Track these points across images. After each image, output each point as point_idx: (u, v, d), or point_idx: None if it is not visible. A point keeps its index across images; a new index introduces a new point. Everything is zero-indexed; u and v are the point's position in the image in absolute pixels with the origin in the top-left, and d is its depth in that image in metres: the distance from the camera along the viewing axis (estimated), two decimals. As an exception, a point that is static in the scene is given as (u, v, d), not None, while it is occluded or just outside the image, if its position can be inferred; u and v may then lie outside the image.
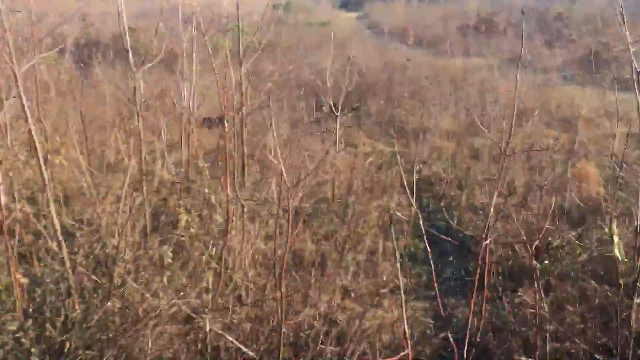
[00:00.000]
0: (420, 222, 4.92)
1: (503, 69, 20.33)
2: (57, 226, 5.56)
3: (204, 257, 5.51)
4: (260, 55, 24.33)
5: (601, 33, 25.82)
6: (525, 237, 7.67)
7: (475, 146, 12.89)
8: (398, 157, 9.44)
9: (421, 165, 11.64)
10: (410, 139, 13.98)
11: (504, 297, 6.66)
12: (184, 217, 5.59)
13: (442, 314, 6.33)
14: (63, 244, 5.58)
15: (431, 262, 5.03)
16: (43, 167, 5.64)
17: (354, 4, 61.13)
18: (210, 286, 5.60)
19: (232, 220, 6.06)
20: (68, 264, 5.57)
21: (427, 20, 35.67)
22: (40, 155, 5.62)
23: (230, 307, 5.41)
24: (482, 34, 28.27)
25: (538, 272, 6.97)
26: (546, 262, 7.24)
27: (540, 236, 7.69)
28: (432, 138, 13.54)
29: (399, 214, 8.94)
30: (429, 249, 5.02)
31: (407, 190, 5.69)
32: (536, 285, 6.15)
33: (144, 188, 7.19)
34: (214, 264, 5.55)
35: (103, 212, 6.55)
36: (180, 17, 9.76)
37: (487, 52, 27.20)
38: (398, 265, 4.42)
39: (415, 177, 11.24)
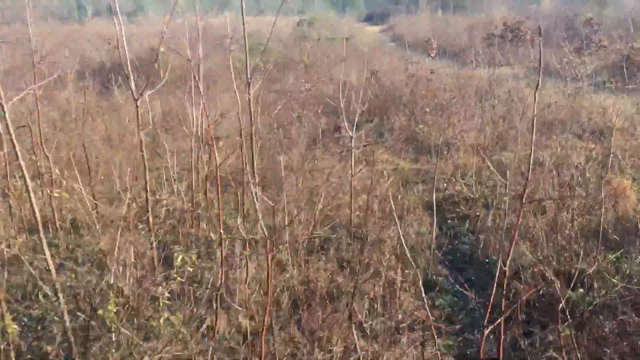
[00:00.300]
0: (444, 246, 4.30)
1: (530, 78, 19.60)
2: (51, 266, 5.20)
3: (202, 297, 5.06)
4: (283, 72, 23.93)
5: (633, 37, 24.85)
6: (556, 264, 7.05)
7: (502, 161, 12.23)
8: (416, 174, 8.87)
9: (445, 184, 11.05)
10: (433, 155, 13.42)
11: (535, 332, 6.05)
12: (179, 257, 5.15)
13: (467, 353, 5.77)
14: (58, 285, 5.22)
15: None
16: (34, 201, 5.31)
17: (379, 17, 60.84)
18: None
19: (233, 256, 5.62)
20: (63, 306, 5.21)
21: (452, 30, 35.06)
22: (29, 186, 5.27)
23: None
24: (509, 43, 27.47)
25: (571, 303, 6.35)
26: (580, 290, 6.60)
27: (573, 262, 7.08)
28: (456, 153, 12.93)
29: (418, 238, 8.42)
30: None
31: (429, 212, 5.12)
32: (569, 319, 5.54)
33: (150, 218, 6.82)
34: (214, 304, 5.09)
35: (104, 246, 6.19)
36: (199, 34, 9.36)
37: (514, 61, 26.48)
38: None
39: (437, 196, 10.83)
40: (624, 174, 9.94)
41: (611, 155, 10.16)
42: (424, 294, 5.45)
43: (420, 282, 5.55)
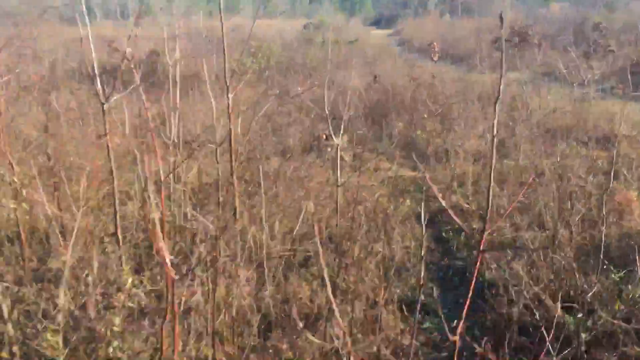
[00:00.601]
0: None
1: (536, 84, 18.95)
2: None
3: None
4: (285, 75, 23.35)
5: (643, 42, 24.12)
6: (554, 285, 6.47)
7: (502, 169, 11.63)
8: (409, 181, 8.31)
9: (441, 194, 10.47)
10: (433, 162, 12.84)
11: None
12: (128, 279, 4.63)
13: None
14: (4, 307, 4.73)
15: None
16: None
17: (387, 21, 60.30)
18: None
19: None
20: (11, 332, 4.71)
21: (459, 34, 34.41)
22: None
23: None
24: (515, 47, 26.79)
25: (569, 330, 5.77)
26: (579, 315, 6.01)
27: (572, 283, 6.50)
28: (455, 161, 12.35)
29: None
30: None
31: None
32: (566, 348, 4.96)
33: (118, 232, 6.32)
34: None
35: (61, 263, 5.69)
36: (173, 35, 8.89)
37: (520, 65, 25.78)
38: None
39: (431, 207, 10.26)
40: (630, 186, 9.31)
41: (616, 165, 9.54)
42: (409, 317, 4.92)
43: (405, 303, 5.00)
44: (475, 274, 4.60)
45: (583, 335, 5.64)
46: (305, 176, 9.83)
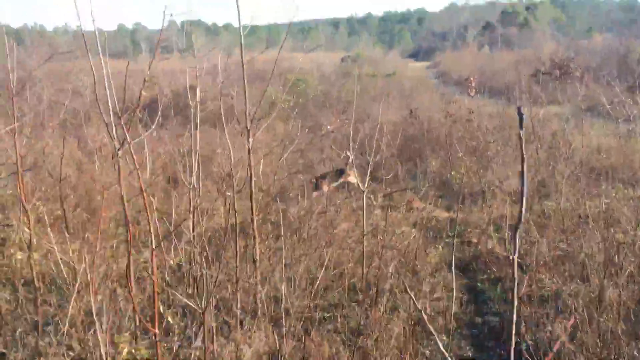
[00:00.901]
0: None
1: (578, 119, 18.14)
2: None
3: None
4: (320, 109, 23.02)
5: (692, 75, 22.96)
6: (600, 351, 5.79)
7: (544, 212, 10.92)
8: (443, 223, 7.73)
9: (476, 239, 9.85)
10: (469, 203, 12.21)
11: None
12: (124, 350, 4.25)
13: None
14: None
15: None
16: None
17: (425, 53, 60.05)
18: None
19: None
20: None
21: (498, 67, 33.73)
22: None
23: None
24: (556, 80, 25.99)
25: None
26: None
27: (620, 350, 5.81)
28: (493, 202, 11.70)
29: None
30: None
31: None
32: None
33: (131, 279, 5.98)
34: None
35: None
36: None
37: (562, 99, 24.93)
38: None
39: (466, 253, 9.63)
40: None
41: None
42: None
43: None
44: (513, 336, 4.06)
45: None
46: (333, 219, 9.37)
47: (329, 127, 16.26)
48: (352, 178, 12.17)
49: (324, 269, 7.17)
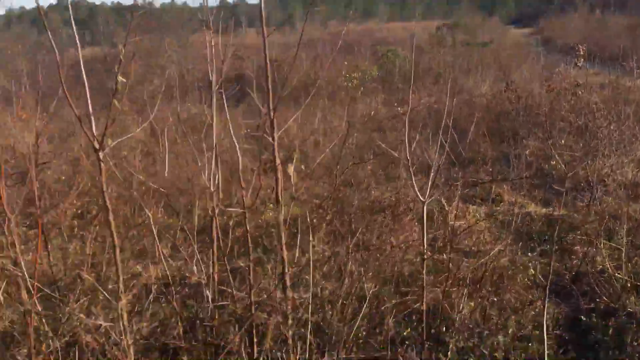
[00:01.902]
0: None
1: None
2: None
3: None
4: (408, 83, 20.68)
5: None
6: None
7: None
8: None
9: (579, 248, 7.62)
10: (572, 197, 9.85)
11: None
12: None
13: None
14: None
15: None
16: None
17: (527, 19, 54.64)
18: None
19: None
20: None
21: (610, 32, 29.38)
22: None
23: None
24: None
25: None
26: None
27: None
28: (603, 197, 9.32)
29: None
30: None
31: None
32: None
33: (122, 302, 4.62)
34: None
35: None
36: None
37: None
38: None
39: (565, 269, 7.46)
40: None
41: None
42: None
43: None
44: None
45: None
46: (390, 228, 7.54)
47: (398, 109, 14.19)
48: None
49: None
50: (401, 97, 17.79)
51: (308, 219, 5.69)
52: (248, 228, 4.93)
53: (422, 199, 5.19)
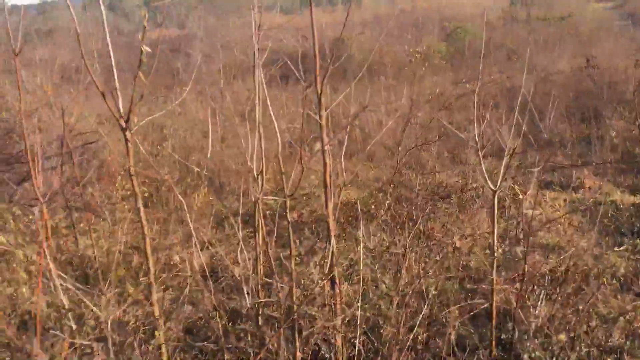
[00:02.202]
0: None
1: None
2: None
3: None
4: (478, 60, 19.33)
5: None
6: None
7: None
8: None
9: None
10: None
11: None
12: None
13: None
14: None
15: None
16: None
17: (612, -9, 50.51)
18: None
19: None
20: None
21: None
22: None
23: None
24: None
25: None
26: None
27: None
28: None
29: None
30: None
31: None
32: None
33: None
34: None
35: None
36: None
37: None
38: None
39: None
40: None
41: None
42: None
43: None
44: None
45: None
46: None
47: (469, 85, 13.07)
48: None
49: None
50: (470, 75, 16.62)
51: (358, 207, 5.02)
52: (289, 219, 4.34)
53: (492, 187, 4.41)
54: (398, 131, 9.31)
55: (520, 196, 6.75)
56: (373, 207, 7.02)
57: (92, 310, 3.71)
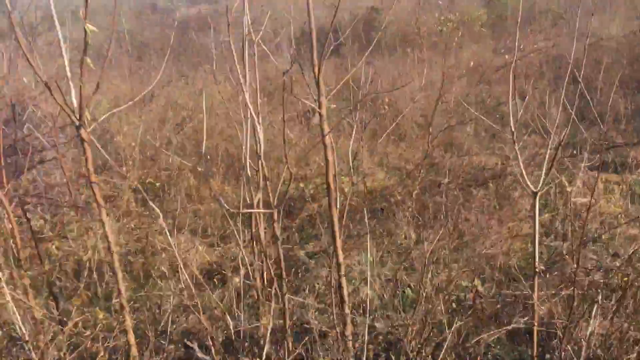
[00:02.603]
0: None
1: None
2: None
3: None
4: (522, 27, 17.80)
5: None
6: None
7: None
8: None
9: None
10: None
11: None
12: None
13: None
14: None
15: None
16: None
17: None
18: None
19: None
20: None
21: None
22: None
23: None
24: None
25: None
26: None
27: None
28: None
29: None
30: None
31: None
32: None
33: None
34: None
35: None
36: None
37: None
38: None
39: None
40: None
41: None
42: None
43: None
44: None
45: None
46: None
47: (508, 55, 11.93)
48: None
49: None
50: (511, 43, 15.34)
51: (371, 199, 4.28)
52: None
53: (532, 188, 3.56)
54: (430, 109, 8.41)
55: (568, 189, 5.79)
56: (399, 197, 6.23)
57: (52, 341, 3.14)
